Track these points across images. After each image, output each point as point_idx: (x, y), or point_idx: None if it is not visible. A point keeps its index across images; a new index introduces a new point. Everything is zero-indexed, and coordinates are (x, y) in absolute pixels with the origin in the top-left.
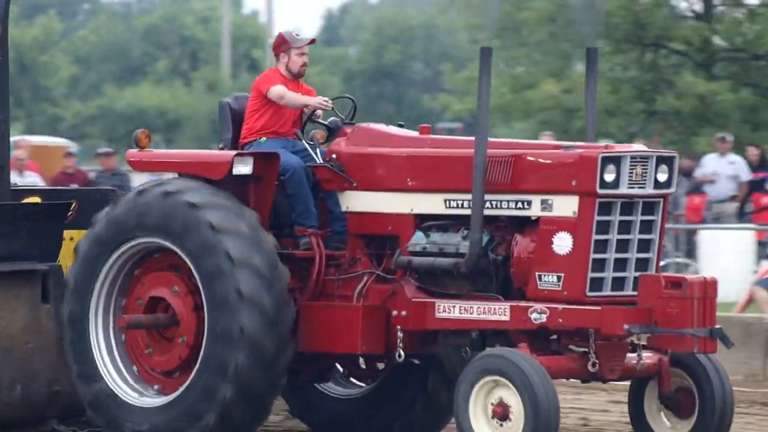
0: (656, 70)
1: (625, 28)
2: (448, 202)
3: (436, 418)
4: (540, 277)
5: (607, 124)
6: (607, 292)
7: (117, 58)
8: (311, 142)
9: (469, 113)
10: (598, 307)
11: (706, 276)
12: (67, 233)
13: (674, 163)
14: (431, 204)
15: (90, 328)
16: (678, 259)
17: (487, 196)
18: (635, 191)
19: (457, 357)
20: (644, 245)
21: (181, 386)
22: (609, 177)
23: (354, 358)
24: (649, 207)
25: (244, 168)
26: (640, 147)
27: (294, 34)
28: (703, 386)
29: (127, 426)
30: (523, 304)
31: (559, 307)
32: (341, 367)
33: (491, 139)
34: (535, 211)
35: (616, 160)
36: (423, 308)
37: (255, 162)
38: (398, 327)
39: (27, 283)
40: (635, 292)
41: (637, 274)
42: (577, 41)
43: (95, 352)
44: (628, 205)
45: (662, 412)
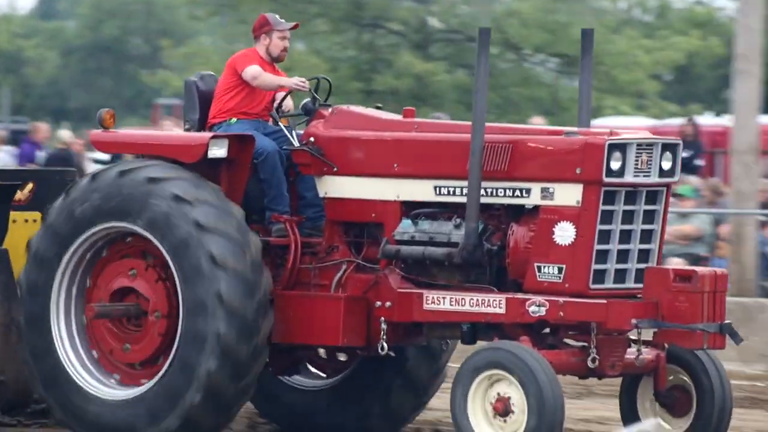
0: (374, 50)
1: (343, 8)
2: (438, 189)
3: (407, 411)
4: (539, 269)
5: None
6: (609, 284)
7: None
8: (287, 125)
9: None
10: (604, 301)
11: (717, 269)
12: (20, 215)
13: (678, 151)
14: (420, 191)
15: (52, 321)
16: None
17: (482, 184)
18: (640, 180)
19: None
20: (646, 236)
21: (146, 382)
22: (615, 165)
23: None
24: (652, 196)
25: (219, 151)
26: (645, 134)
27: (277, 16)
28: (702, 383)
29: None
30: (520, 296)
31: (560, 299)
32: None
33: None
34: (534, 199)
35: (622, 147)
36: (409, 299)
37: (230, 144)
38: (382, 318)
39: None
40: (637, 285)
41: (639, 266)
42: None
43: (57, 345)
44: (632, 194)
45: (656, 410)
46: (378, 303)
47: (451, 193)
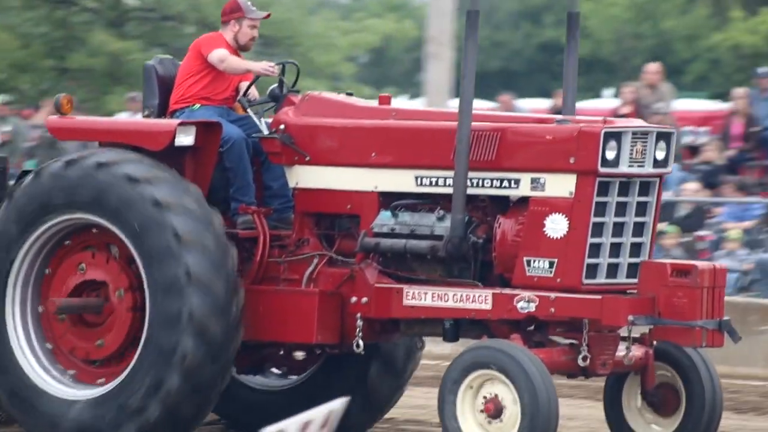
0: (67, 27)
1: None
2: (419, 179)
3: (372, 413)
4: (528, 263)
5: (19, 79)
6: (602, 279)
7: None
8: (255, 112)
9: None
10: (598, 296)
11: (716, 263)
12: None
13: (672, 140)
14: (399, 181)
15: (6, 308)
16: None
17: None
18: (634, 170)
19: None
20: (638, 229)
21: (115, 376)
22: (610, 154)
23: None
24: (645, 187)
25: (186, 138)
26: (640, 122)
27: (249, 3)
28: (691, 382)
29: (56, 421)
30: (507, 291)
31: (551, 295)
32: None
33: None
34: (523, 190)
35: (618, 136)
36: (388, 295)
37: (196, 132)
38: (358, 315)
39: None
40: (629, 280)
41: (631, 260)
42: None
43: (13, 342)
44: (625, 184)
45: (643, 409)
46: (353, 298)
47: (434, 183)
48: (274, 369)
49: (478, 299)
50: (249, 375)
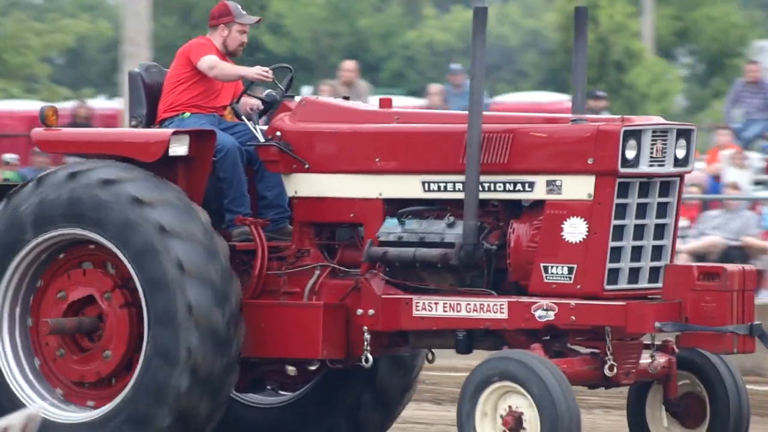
0: None
1: None
2: (426, 185)
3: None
4: (546, 269)
5: None
6: (623, 285)
7: None
8: (250, 120)
9: None
10: (622, 303)
11: (744, 265)
12: None
13: (692, 137)
14: (406, 187)
15: None
16: None
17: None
18: (654, 170)
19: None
20: (659, 231)
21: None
22: (630, 154)
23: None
24: (665, 187)
25: (180, 148)
26: (659, 119)
27: (240, 8)
28: (716, 392)
29: None
30: (524, 299)
31: (572, 302)
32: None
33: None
34: (538, 193)
35: (637, 135)
36: (396, 306)
37: (189, 141)
38: (364, 328)
39: None
40: (652, 285)
41: (653, 264)
42: None
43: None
44: (645, 185)
45: (666, 420)
46: (359, 311)
47: (442, 189)
48: (268, 386)
49: (493, 308)
50: (251, 392)
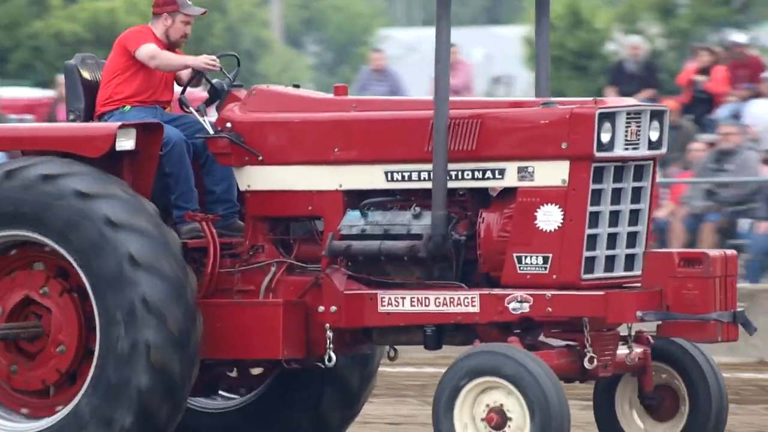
0: None
1: None
2: (389, 175)
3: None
4: (519, 260)
5: None
6: (600, 273)
7: None
8: (197, 111)
9: None
10: (601, 292)
11: (726, 250)
12: None
13: (665, 119)
14: (367, 178)
15: None
16: None
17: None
18: (629, 153)
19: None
20: (633, 217)
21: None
22: (605, 137)
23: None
24: (639, 171)
25: (127, 142)
26: (633, 101)
27: None
28: (696, 384)
29: None
30: (497, 292)
31: (548, 293)
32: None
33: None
34: (509, 180)
35: (612, 117)
36: (361, 302)
37: (137, 135)
38: (327, 325)
39: None
40: (628, 273)
41: (628, 251)
42: None
43: None
44: (619, 169)
45: (637, 414)
46: (321, 308)
47: (407, 178)
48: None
49: (464, 302)
50: (204, 396)
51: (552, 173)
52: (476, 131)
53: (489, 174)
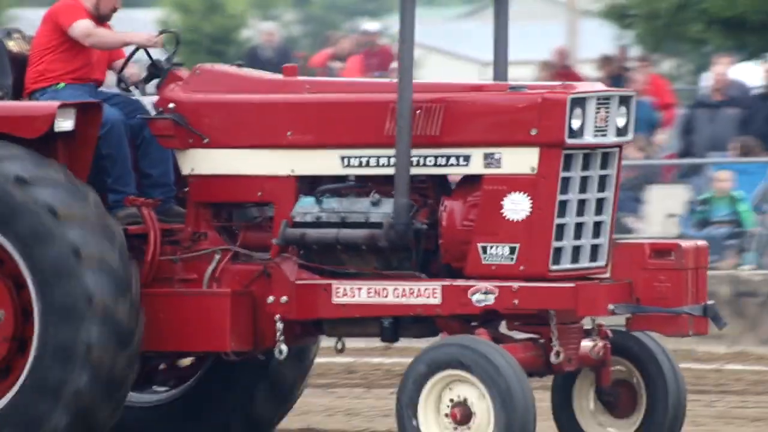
0: None
1: None
2: (346, 160)
3: (272, 416)
4: (485, 250)
5: None
6: (567, 265)
7: None
8: (135, 89)
9: None
10: (572, 284)
11: (697, 241)
12: None
13: (632, 104)
14: (322, 163)
15: None
16: None
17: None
18: (597, 140)
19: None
20: (598, 206)
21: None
22: (576, 123)
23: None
24: (605, 159)
25: (66, 123)
26: (601, 85)
27: None
28: (653, 378)
29: None
30: (460, 283)
31: (514, 285)
32: None
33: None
34: (475, 167)
35: (582, 103)
36: (313, 292)
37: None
38: (277, 316)
39: None
40: (593, 264)
41: (593, 241)
42: None
43: None
44: (587, 157)
45: (594, 408)
46: (270, 298)
47: (364, 164)
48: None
49: (424, 293)
50: (140, 390)
51: (520, 160)
52: (440, 116)
53: (453, 160)
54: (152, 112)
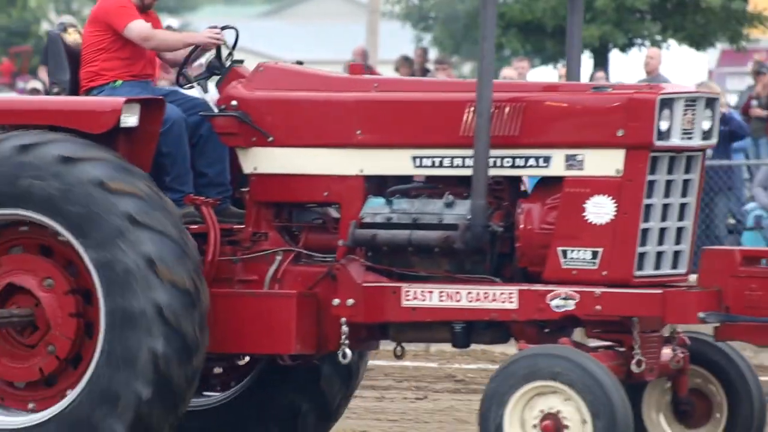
0: None
1: None
2: (418, 160)
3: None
4: (565, 254)
5: None
6: (650, 271)
7: None
8: (199, 87)
9: None
10: (659, 291)
11: None
12: None
13: (717, 107)
14: (393, 163)
15: None
16: None
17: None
18: (684, 143)
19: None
20: (680, 211)
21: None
22: (664, 125)
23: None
24: (688, 162)
25: (131, 119)
26: (689, 87)
27: None
28: (735, 390)
29: None
30: (539, 287)
31: (597, 291)
32: None
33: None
34: (556, 169)
35: (670, 104)
36: (381, 295)
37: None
38: (342, 319)
39: None
40: (675, 271)
41: (677, 247)
42: None
43: None
44: (671, 160)
45: (665, 419)
46: (336, 301)
47: (437, 164)
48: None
49: (500, 297)
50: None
51: (605, 162)
52: (520, 116)
53: (532, 162)
54: (214, 109)
